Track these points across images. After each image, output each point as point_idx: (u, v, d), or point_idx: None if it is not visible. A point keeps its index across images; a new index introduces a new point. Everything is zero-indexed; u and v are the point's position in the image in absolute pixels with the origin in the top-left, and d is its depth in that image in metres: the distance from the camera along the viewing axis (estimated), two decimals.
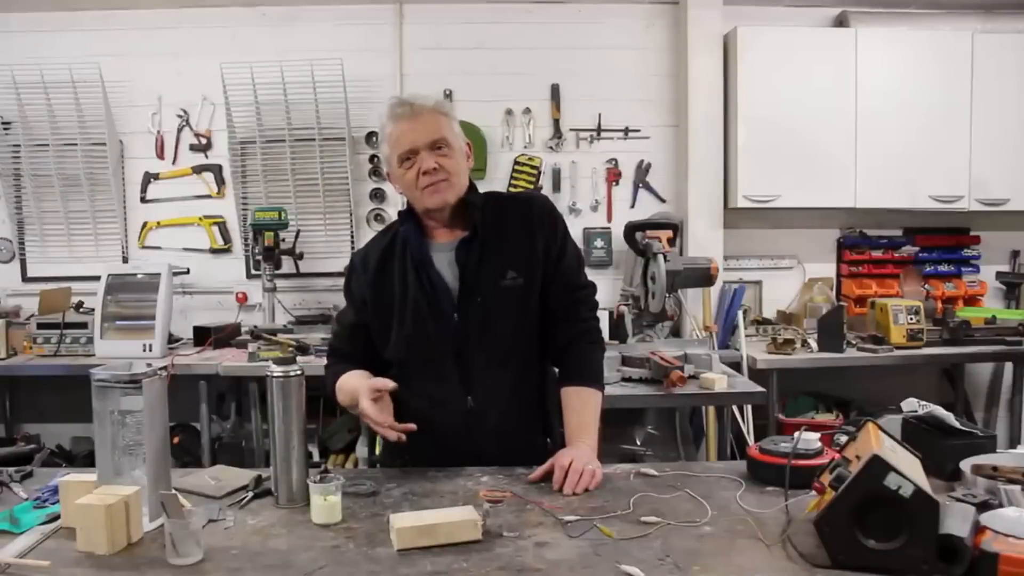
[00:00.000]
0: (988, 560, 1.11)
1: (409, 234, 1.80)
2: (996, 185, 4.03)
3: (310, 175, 4.16)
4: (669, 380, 2.82)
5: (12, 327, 3.68)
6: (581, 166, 4.25)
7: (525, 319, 1.79)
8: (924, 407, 1.72)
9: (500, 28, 4.17)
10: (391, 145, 1.74)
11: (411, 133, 1.71)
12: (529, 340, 1.81)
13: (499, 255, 1.76)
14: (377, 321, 1.80)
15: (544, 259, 1.79)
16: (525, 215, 1.81)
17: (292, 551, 1.31)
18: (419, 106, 1.72)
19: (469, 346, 1.75)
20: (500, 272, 1.75)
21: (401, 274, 1.79)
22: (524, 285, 1.76)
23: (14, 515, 1.44)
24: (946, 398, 4.16)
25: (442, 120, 1.74)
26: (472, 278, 1.75)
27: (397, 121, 1.72)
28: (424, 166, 1.70)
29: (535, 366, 1.84)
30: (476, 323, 1.74)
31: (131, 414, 1.42)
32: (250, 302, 4.19)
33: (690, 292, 3.88)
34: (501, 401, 1.75)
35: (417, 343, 1.76)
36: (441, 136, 1.72)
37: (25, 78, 3.98)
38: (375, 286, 1.81)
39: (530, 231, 1.79)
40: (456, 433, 1.74)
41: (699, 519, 1.41)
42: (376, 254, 1.84)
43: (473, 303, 1.74)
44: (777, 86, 3.96)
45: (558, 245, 1.81)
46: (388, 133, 1.75)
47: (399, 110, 1.72)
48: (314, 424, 3.85)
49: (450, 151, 1.73)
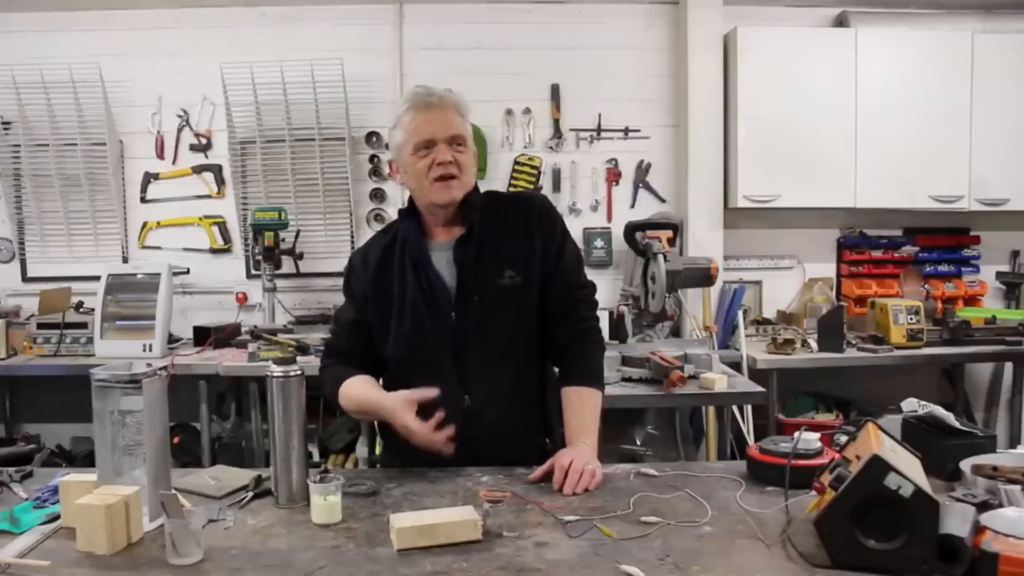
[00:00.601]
0: (988, 560, 1.11)
1: (409, 232, 1.80)
2: (996, 185, 4.03)
3: (310, 175, 4.16)
4: (669, 380, 2.82)
5: (12, 327, 3.68)
6: (581, 166, 4.25)
7: (523, 318, 1.79)
8: (924, 407, 1.72)
9: (500, 28, 4.17)
10: (409, 132, 1.73)
11: (433, 124, 1.71)
12: (527, 339, 1.81)
13: (497, 254, 1.76)
14: (377, 319, 1.81)
15: (543, 258, 1.79)
16: (524, 214, 1.81)
17: (292, 551, 1.31)
18: (445, 99, 1.73)
19: (467, 345, 1.75)
20: (498, 271, 1.76)
21: (400, 273, 1.79)
22: (522, 284, 1.77)
23: (14, 515, 1.44)
24: (946, 398, 4.16)
25: (461, 120, 1.75)
26: (469, 277, 1.75)
27: (420, 110, 1.72)
28: (441, 157, 1.70)
29: (534, 366, 1.84)
30: (474, 322, 1.74)
31: (131, 414, 1.41)
32: (250, 302, 4.19)
33: (690, 292, 3.88)
34: (499, 400, 1.75)
35: (415, 342, 1.76)
36: (461, 133, 1.73)
37: (25, 78, 3.98)
38: (375, 284, 1.81)
39: (528, 230, 1.79)
40: (456, 434, 1.72)
41: (699, 519, 1.41)
42: (376, 252, 1.85)
43: (471, 302, 1.74)
44: (777, 86, 3.96)
45: (556, 244, 1.81)
46: (407, 120, 1.73)
47: (424, 99, 1.73)
48: (314, 424, 3.85)
49: (465, 150, 1.74)
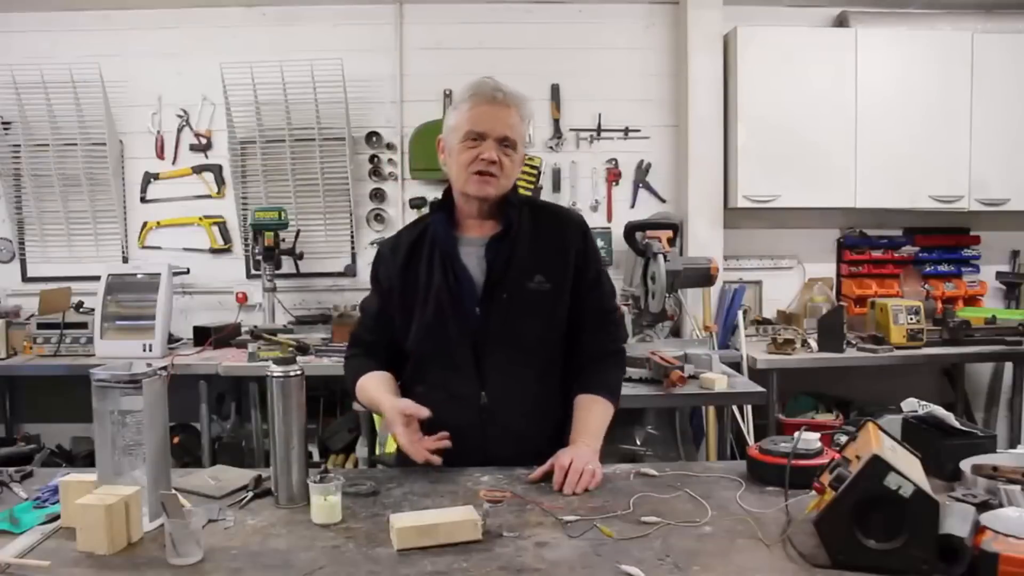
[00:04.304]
0: (988, 560, 1.11)
1: (439, 224, 1.80)
2: (996, 185, 4.03)
3: (310, 175, 4.16)
4: (669, 380, 2.82)
5: (12, 327, 3.68)
6: (581, 166, 4.25)
7: (548, 325, 1.78)
8: (924, 407, 1.72)
9: (500, 28, 4.17)
10: (464, 120, 1.72)
11: (490, 119, 1.71)
12: (551, 347, 1.80)
13: (530, 257, 1.76)
14: (401, 310, 1.80)
15: (576, 275, 1.79)
16: (561, 227, 1.82)
17: (292, 551, 1.31)
18: (508, 98, 1.73)
19: (488, 342, 1.74)
20: (529, 274, 1.75)
21: (428, 264, 1.79)
22: (551, 292, 1.76)
23: (14, 515, 1.44)
24: (946, 398, 4.16)
25: (520, 123, 1.75)
26: (499, 275, 1.74)
27: (481, 102, 1.72)
28: (486, 155, 1.70)
29: (555, 375, 1.82)
30: (498, 320, 1.74)
31: (131, 414, 1.41)
32: (250, 302, 4.19)
33: (690, 292, 3.88)
34: (516, 402, 1.74)
35: (436, 334, 1.75)
36: (513, 136, 1.73)
37: (25, 78, 3.98)
38: (402, 275, 1.81)
39: (564, 244, 1.79)
40: (470, 430, 1.72)
41: (699, 519, 1.41)
42: (406, 243, 1.84)
43: (497, 300, 1.74)
44: (777, 86, 3.96)
45: (593, 268, 1.83)
46: (466, 108, 1.73)
47: (489, 93, 1.72)
48: (314, 424, 3.85)
49: (513, 153, 1.74)
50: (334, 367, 3.39)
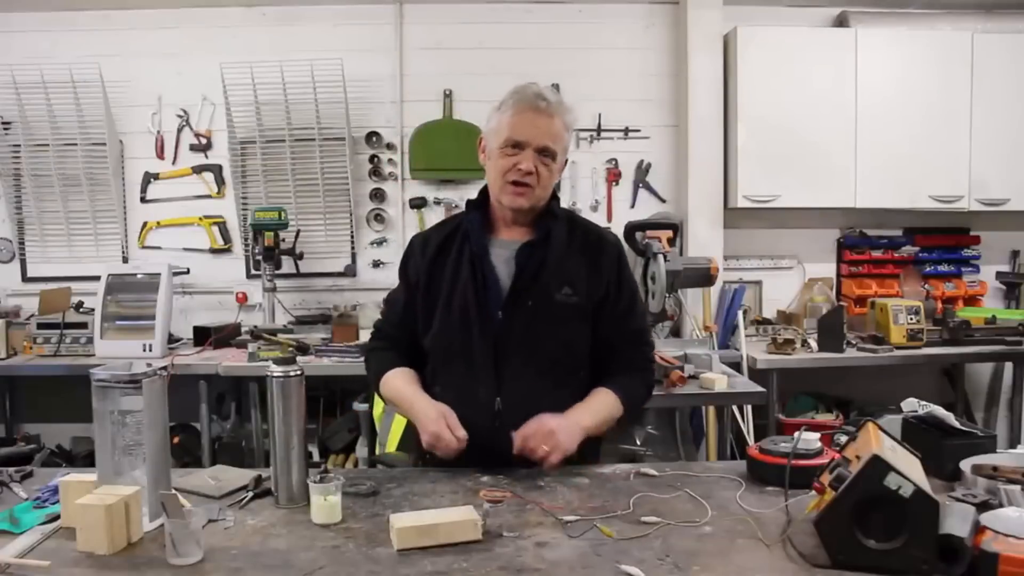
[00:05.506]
0: (988, 560, 1.11)
1: (472, 224, 1.80)
2: (996, 185, 4.03)
3: (310, 175, 4.16)
4: (669, 380, 2.82)
5: (12, 327, 3.68)
6: (581, 166, 4.25)
7: (572, 338, 1.77)
8: (924, 407, 1.72)
9: (500, 28, 4.17)
10: (505, 126, 1.71)
11: (531, 129, 1.70)
12: (571, 360, 1.78)
13: (560, 267, 1.76)
14: (424, 306, 1.80)
15: (606, 295, 1.78)
16: (596, 244, 1.82)
17: (292, 551, 1.31)
18: (552, 106, 1.71)
19: (508, 348, 1.73)
20: (557, 284, 1.75)
21: (456, 263, 1.78)
22: (578, 305, 1.75)
23: (14, 515, 1.44)
24: (946, 398, 4.16)
25: (563, 133, 1.74)
26: (527, 282, 1.74)
27: (524, 110, 1.70)
28: (524, 165, 1.69)
29: (573, 388, 1.78)
30: (520, 326, 1.73)
31: (131, 414, 1.42)
32: (250, 302, 4.19)
33: (690, 292, 3.88)
34: (531, 410, 1.69)
35: (456, 333, 1.75)
36: (553, 147, 1.72)
37: (25, 78, 3.98)
38: (429, 270, 1.80)
39: (596, 261, 1.79)
40: (483, 434, 1.69)
41: (699, 519, 1.41)
42: (437, 239, 1.84)
43: (522, 306, 1.73)
44: (777, 86, 3.96)
45: (627, 296, 1.82)
46: (509, 114, 1.72)
47: (533, 101, 1.70)
48: (314, 424, 3.85)
49: (551, 164, 1.74)
50: (334, 367, 3.39)
